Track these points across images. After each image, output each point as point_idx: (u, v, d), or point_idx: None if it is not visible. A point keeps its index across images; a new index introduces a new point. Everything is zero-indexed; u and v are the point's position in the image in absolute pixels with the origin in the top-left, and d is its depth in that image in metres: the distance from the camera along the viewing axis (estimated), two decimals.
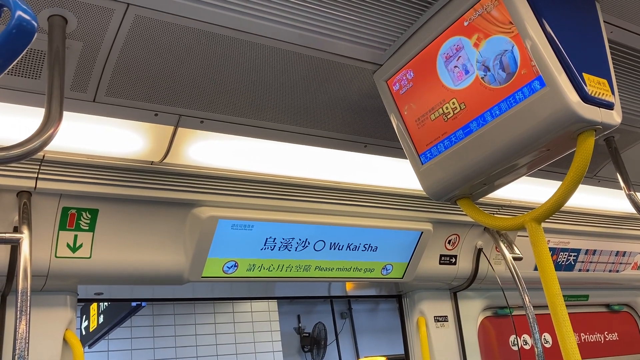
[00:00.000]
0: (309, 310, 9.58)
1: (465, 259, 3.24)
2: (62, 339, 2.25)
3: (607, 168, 2.90)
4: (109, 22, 1.56)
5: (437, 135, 1.77)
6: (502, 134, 1.59)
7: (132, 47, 1.66)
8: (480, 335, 3.41)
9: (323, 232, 2.62)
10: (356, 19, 1.72)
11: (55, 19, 1.51)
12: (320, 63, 1.87)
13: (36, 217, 2.07)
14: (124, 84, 1.77)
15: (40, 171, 1.99)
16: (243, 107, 1.98)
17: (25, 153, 1.34)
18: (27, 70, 1.64)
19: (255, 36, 1.70)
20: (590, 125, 1.51)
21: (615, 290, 4.19)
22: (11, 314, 2.16)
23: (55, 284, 2.25)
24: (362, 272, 2.84)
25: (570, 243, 3.58)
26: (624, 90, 2.18)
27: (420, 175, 1.85)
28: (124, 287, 2.69)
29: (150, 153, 2.09)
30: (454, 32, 1.69)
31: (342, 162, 2.42)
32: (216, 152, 2.20)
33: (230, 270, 2.49)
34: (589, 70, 1.53)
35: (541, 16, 1.53)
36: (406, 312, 3.36)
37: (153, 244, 2.32)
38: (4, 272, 2.09)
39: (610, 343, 4.09)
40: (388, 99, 1.91)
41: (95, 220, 2.19)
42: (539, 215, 1.60)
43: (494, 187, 1.84)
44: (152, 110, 1.89)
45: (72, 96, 1.74)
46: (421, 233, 2.88)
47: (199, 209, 2.33)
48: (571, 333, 1.51)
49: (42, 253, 2.12)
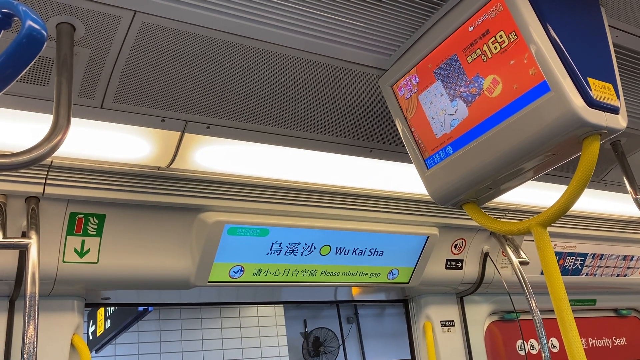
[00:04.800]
0: (315, 315, 9.57)
1: (472, 263, 3.23)
2: (69, 344, 2.27)
3: (614, 172, 2.89)
4: (116, 29, 1.58)
5: (443, 140, 1.77)
6: (507, 139, 1.59)
7: (139, 54, 1.67)
8: (487, 340, 3.40)
9: (329, 236, 2.63)
10: (361, 24, 1.72)
11: (64, 27, 1.53)
12: (325, 69, 1.88)
13: (44, 222, 2.08)
14: (131, 90, 1.78)
15: (48, 177, 2.01)
16: (249, 113, 1.99)
17: (34, 159, 1.35)
18: (36, 77, 1.65)
19: (261, 42, 1.72)
20: (596, 130, 1.50)
21: (623, 294, 4.17)
22: (19, 318, 2.18)
23: (63, 289, 2.27)
24: (368, 276, 2.83)
25: (577, 247, 3.56)
26: (630, 94, 2.18)
27: (426, 180, 1.86)
28: (130, 292, 2.69)
29: (157, 158, 2.10)
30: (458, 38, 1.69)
31: (347, 167, 2.43)
32: (222, 157, 2.21)
33: (236, 275, 2.49)
34: (594, 75, 1.53)
35: (546, 21, 1.53)
36: (412, 316, 3.35)
37: (160, 249, 2.33)
38: (13, 277, 2.11)
39: (619, 348, 4.07)
40: (393, 104, 1.91)
41: (103, 226, 2.20)
42: (545, 220, 1.60)
43: (500, 192, 1.84)
44: (159, 116, 1.90)
45: (80, 102, 1.76)
46: (427, 238, 2.88)
47: (205, 214, 2.34)
48: (577, 338, 1.50)
49: (50, 258, 2.13)
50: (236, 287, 2.57)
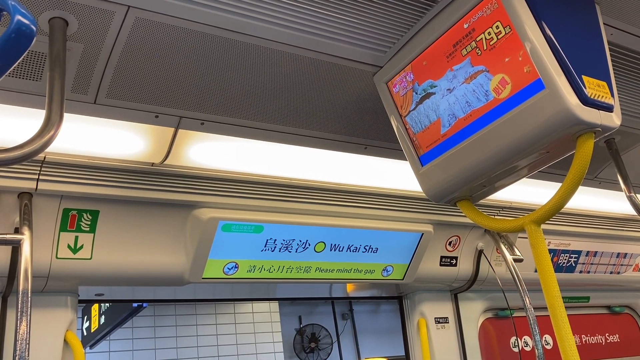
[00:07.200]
0: (310, 311, 9.58)
1: (466, 260, 3.24)
2: (62, 340, 2.26)
3: (608, 170, 2.90)
4: (110, 24, 1.57)
5: (437, 137, 1.77)
6: (501, 136, 1.59)
7: (133, 49, 1.66)
8: (480, 337, 3.41)
9: (324, 233, 2.63)
10: (356, 21, 1.72)
11: (56, 21, 1.52)
12: (320, 65, 1.87)
13: (37, 218, 2.07)
14: (125, 86, 1.77)
15: (41, 172, 2.00)
16: (243, 109, 1.99)
17: (26, 155, 1.35)
18: (28, 72, 1.64)
19: (256, 38, 1.71)
20: (590, 128, 1.50)
21: (616, 292, 4.19)
22: (12, 314, 2.17)
23: (56, 285, 2.26)
24: (362, 273, 2.84)
25: (571, 245, 3.57)
26: (624, 93, 2.18)
27: (420, 177, 1.86)
28: (125, 288, 2.69)
29: (151, 154, 2.10)
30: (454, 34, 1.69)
31: (342, 163, 2.42)
32: (217, 153, 2.20)
33: (230, 271, 2.49)
34: (588, 73, 1.53)
35: (540, 18, 1.53)
36: (407, 313, 3.36)
37: (154, 245, 2.33)
38: (5, 273, 2.10)
39: (612, 345, 4.09)
40: (388, 100, 1.91)
41: (96, 222, 2.20)
42: (539, 217, 1.60)
43: (494, 189, 1.84)
44: (153, 112, 1.89)
45: (73, 98, 1.75)
46: (422, 234, 2.88)
47: (199, 210, 2.34)
48: (570, 335, 1.51)
49: (43, 254, 2.12)
50: (231, 283, 2.56)
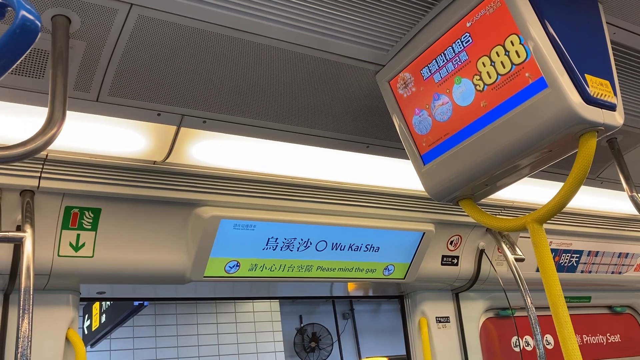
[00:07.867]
0: (311, 310, 9.59)
1: (467, 259, 3.23)
2: (64, 338, 2.26)
3: (610, 169, 2.89)
4: (112, 22, 1.57)
5: (440, 136, 1.77)
6: (504, 135, 1.59)
7: (135, 47, 1.66)
8: (482, 337, 3.40)
9: (325, 232, 2.62)
10: (359, 19, 1.72)
11: (59, 19, 1.52)
12: (322, 63, 1.87)
13: (39, 216, 2.07)
14: (127, 84, 1.77)
15: (43, 170, 2.00)
16: (245, 107, 1.99)
17: (28, 152, 1.35)
18: (31, 69, 1.64)
19: (258, 36, 1.71)
20: (592, 127, 1.50)
21: (617, 292, 4.19)
22: (14, 312, 2.17)
23: (58, 283, 2.26)
24: (363, 272, 2.83)
25: (572, 244, 3.57)
26: (627, 92, 2.18)
27: (422, 176, 1.85)
28: (126, 287, 2.69)
29: (153, 153, 2.10)
30: (456, 32, 1.69)
31: (344, 162, 2.42)
32: (218, 152, 2.20)
33: (232, 270, 2.49)
34: (591, 72, 1.53)
35: (544, 17, 1.53)
36: (408, 313, 3.36)
37: (155, 244, 2.33)
38: (7, 271, 2.10)
39: (613, 345, 4.08)
40: (390, 99, 1.91)
41: (98, 220, 2.20)
42: (541, 217, 1.60)
43: (496, 188, 1.84)
44: (155, 110, 1.89)
45: (75, 96, 1.75)
46: (423, 234, 2.88)
47: (201, 208, 2.34)
48: (572, 334, 1.51)
49: (45, 252, 2.12)
50: (232, 282, 2.56)
